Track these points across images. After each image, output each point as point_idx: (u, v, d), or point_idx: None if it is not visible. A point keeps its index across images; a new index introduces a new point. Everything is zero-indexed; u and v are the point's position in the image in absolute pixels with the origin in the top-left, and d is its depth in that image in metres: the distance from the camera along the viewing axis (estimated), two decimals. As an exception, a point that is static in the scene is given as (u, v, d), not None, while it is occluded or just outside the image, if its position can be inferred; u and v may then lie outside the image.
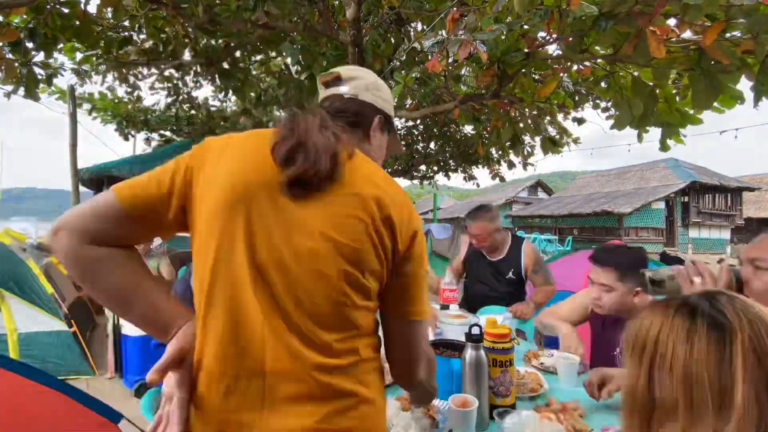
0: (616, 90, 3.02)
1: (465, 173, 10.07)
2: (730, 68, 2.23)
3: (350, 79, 0.91)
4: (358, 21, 4.42)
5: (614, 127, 3.03)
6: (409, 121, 9.74)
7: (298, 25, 4.65)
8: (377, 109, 0.92)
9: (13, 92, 4.12)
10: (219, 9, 4.66)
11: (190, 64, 5.67)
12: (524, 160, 6.53)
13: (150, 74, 6.41)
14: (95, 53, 5.02)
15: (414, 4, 5.03)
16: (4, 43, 3.61)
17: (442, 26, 3.39)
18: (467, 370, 1.20)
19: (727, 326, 0.49)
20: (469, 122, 5.05)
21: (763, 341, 0.47)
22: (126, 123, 8.51)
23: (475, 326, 1.23)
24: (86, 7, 3.83)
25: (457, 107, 4.27)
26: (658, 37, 2.13)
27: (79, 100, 7.68)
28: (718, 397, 0.47)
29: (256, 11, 3.91)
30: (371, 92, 0.91)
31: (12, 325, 3.08)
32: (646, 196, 17.71)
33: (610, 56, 2.70)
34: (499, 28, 2.80)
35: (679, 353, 0.51)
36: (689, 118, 2.87)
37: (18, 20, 3.83)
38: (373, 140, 0.93)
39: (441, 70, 3.17)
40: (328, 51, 5.24)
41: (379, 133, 0.94)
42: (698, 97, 2.40)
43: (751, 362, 0.46)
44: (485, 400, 1.20)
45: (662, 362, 0.52)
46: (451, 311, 2.19)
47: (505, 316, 2.15)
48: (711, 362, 0.48)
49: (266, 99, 7.97)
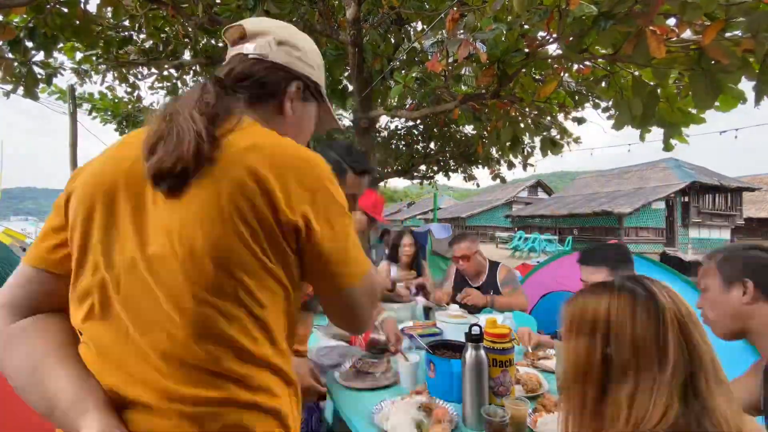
0: (616, 90, 3.01)
1: (465, 173, 10.07)
2: (731, 68, 2.23)
3: (257, 35, 0.75)
4: (358, 21, 4.43)
5: (614, 127, 3.03)
6: (409, 121, 9.74)
7: (298, 24, 4.65)
8: (292, 72, 0.76)
9: (13, 91, 4.12)
10: (219, 8, 4.66)
11: (190, 64, 5.67)
12: (524, 160, 6.53)
13: (150, 74, 6.41)
14: (95, 53, 5.02)
15: (414, 4, 5.04)
16: (4, 42, 3.61)
17: (441, 26, 3.39)
18: (467, 370, 1.20)
19: (660, 303, 0.66)
20: (469, 122, 5.05)
21: (680, 312, 0.66)
22: (126, 123, 8.52)
23: (475, 326, 1.23)
24: (86, 7, 3.83)
25: (457, 107, 4.27)
26: (657, 37, 2.12)
27: (78, 99, 7.69)
28: (657, 355, 0.63)
29: (255, 10, 3.90)
30: (284, 50, 0.75)
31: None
32: (646, 196, 17.71)
33: (610, 56, 2.69)
34: (498, 27, 2.80)
35: (628, 326, 0.66)
36: (691, 118, 2.87)
37: (18, 19, 3.83)
38: (288, 113, 0.76)
39: (441, 69, 3.17)
40: (328, 50, 5.24)
41: (299, 103, 0.78)
42: (699, 97, 2.40)
43: (676, 327, 0.64)
44: (485, 400, 1.19)
45: (615, 335, 0.67)
46: (452, 311, 2.19)
47: (505, 316, 2.15)
48: (651, 330, 0.65)
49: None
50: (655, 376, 0.62)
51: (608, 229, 17.97)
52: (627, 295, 0.69)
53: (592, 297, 0.73)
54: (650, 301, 0.67)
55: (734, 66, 2.21)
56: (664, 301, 0.66)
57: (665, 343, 0.63)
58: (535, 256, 14.68)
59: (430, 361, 1.39)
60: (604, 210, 17.57)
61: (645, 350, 0.64)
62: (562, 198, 23.79)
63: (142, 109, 8.59)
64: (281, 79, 0.75)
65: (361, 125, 5.31)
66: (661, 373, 0.62)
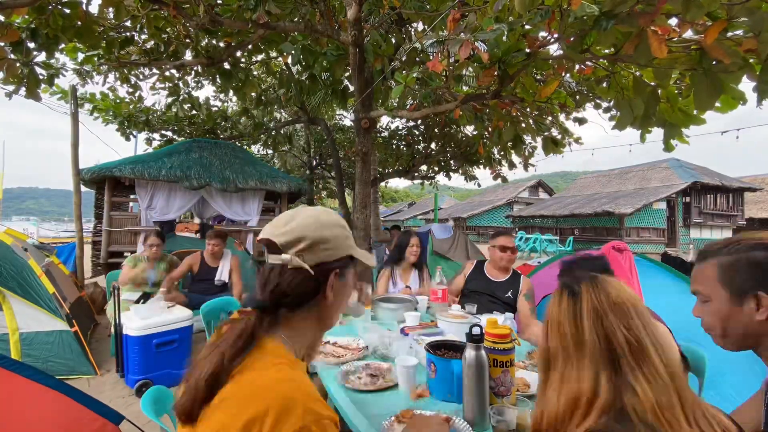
0: (617, 90, 3.01)
1: (466, 173, 10.07)
2: (732, 68, 2.22)
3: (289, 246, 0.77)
4: (359, 21, 4.43)
5: (616, 127, 3.02)
6: (410, 122, 9.74)
7: (299, 24, 4.65)
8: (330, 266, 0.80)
9: (15, 92, 4.12)
10: (220, 9, 4.67)
11: (191, 64, 5.67)
12: (525, 160, 6.52)
13: (151, 74, 6.43)
14: (96, 53, 5.03)
15: (415, 5, 5.03)
16: (6, 43, 3.62)
17: (443, 26, 3.39)
18: (468, 370, 1.19)
19: (580, 296, 0.77)
20: (470, 122, 5.04)
21: (599, 302, 0.75)
22: (127, 123, 8.53)
23: (476, 326, 1.23)
24: (88, 8, 3.84)
25: (458, 107, 4.27)
26: (659, 37, 2.12)
27: (80, 100, 7.70)
28: (577, 340, 0.74)
29: (257, 11, 3.91)
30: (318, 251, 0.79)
31: (14, 325, 3.08)
32: (647, 197, 17.67)
33: (612, 56, 2.69)
34: (499, 27, 2.80)
35: (555, 318, 0.79)
36: (692, 119, 2.86)
37: (20, 20, 3.84)
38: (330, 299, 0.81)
39: (442, 70, 3.16)
40: (329, 51, 5.24)
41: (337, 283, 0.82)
42: (700, 98, 2.39)
43: (591, 316, 0.74)
44: (486, 400, 1.19)
45: (550, 328, 0.80)
46: (452, 311, 2.19)
47: (506, 317, 2.14)
48: (570, 319, 0.76)
49: (267, 99, 7.99)
50: (579, 358, 0.73)
51: (609, 230, 17.93)
52: (561, 291, 0.81)
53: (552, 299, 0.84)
54: (572, 295, 0.78)
55: (736, 66, 2.20)
56: (587, 294, 0.77)
57: (582, 327, 0.74)
58: (536, 256, 14.66)
59: (431, 361, 1.39)
60: (605, 210, 17.53)
61: (567, 337, 0.76)
62: (563, 198, 23.75)
63: (144, 110, 8.62)
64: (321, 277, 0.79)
65: (362, 125, 5.31)
66: (581, 355, 0.73)
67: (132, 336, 2.89)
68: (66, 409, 1.47)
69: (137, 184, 6.12)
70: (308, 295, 0.78)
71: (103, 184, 6.18)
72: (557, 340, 0.77)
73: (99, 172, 5.90)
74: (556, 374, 0.76)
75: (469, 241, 7.06)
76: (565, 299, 0.79)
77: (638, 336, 0.71)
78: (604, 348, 0.71)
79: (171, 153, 6.68)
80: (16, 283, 3.18)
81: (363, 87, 5.18)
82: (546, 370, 0.80)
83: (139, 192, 6.16)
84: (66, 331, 3.21)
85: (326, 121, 10.26)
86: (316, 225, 0.80)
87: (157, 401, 1.29)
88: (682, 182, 17.93)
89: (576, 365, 0.73)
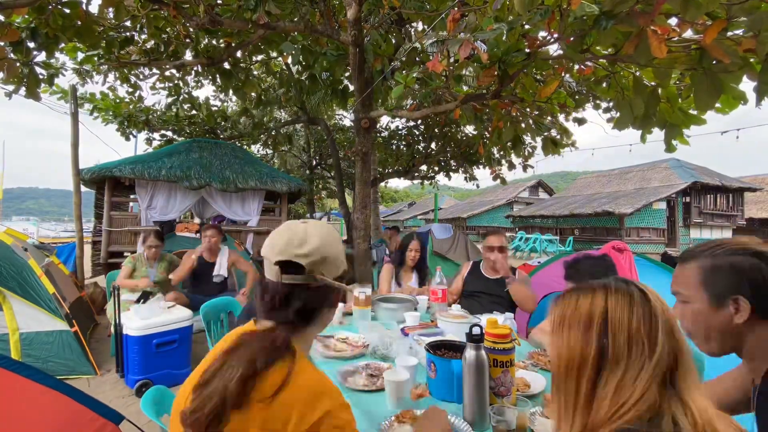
0: (617, 90, 3.01)
1: (466, 173, 10.07)
2: (732, 68, 2.22)
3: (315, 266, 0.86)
4: (359, 21, 4.43)
5: (615, 127, 3.01)
6: (410, 122, 9.74)
7: (299, 25, 4.65)
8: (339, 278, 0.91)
9: (15, 92, 4.12)
10: (220, 9, 4.67)
11: (191, 64, 5.67)
12: (525, 161, 6.53)
13: (151, 74, 6.42)
14: (96, 53, 5.03)
15: (415, 5, 5.04)
16: (6, 43, 3.61)
17: (442, 26, 3.39)
18: (468, 370, 1.19)
19: (651, 299, 0.74)
20: (470, 122, 5.04)
21: (664, 308, 0.74)
22: (127, 123, 8.53)
23: (476, 326, 1.23)
24: (88, 7, 3.84)
25: (458, 107, 4.27)
26: (659, 37, 2.12)
27: (80, 100, 7.70)
28: (649, 347, 0.70)
29: (257, 11, 3.90)
30: (329, 266, 0.88)
31: (14, 325, 3.08)
32: (647, 197, 17.66)
33: (612, 56, 2.69)
34: (499, 27, 2.80)
35: (626, 321, 0.72)
36: (692, 119, 2.86)
37: (20, 20, 3.84)
38: (337, 305, 0.95)
39: (442, 70, 3.16)
40: (329, 51, 5.24)
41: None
42: (700, 98, 2.39)
43: (667, 326, 0.72)
44: (486, 400, 1.19)
45: (612, 328, 0.72)
46: (452, 311, 2.19)
47: (506, 317, 2.14)
48: (647, 325, 0.71)
49: (267, 99, 7.99)
50: (643, 365, 0.69)
51: (609, 230, 17.92)
52: (624, 294, 0.75)
53: (586, 294, 0.78)
54: (646, 301, 0.74)
55: (735, 66, 2.20)
56: (656, 302, 0.74)
57: (656, 338, 0.70)
58: (537, 256, 14.65)
59: (431, 361, 1.39)
60: (605, 210, 17.53)
61: (638, 342, 0.71)
62: (563, 198, 23.73)
63: (144, 110, 8.61)
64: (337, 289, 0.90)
65: (362, 125, 5.31)
66: (647, 363, 0.69)
67: (132, 336, 2.89)
68: (66, 409, 1.47)
69: (137, 184, 6.12)
70: (327, 306, 0.90)
71: (103, 184, 6.18)
72: (624, 343, 0.71)
73: (99, 172, 5.90)
74: (613, 379, 0.71)
75: (469, 241, 7.07)
76: (636, 303, 0.74)
77: (691, 356, 0.73)
78: (670, 360, 0.70)
79: (171, 153, 6.69)
80: (16, 283, 3.18)
81: (363, 87, 5.18)
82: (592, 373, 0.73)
83: (139, 192, 6.17)
84: (66, 331, 3.21)
85: (326, 121, 10.26)
86: (330, 243, 0.89)
87: (157, 401, 1.29)
88: (682, 182, 17.92)
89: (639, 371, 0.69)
